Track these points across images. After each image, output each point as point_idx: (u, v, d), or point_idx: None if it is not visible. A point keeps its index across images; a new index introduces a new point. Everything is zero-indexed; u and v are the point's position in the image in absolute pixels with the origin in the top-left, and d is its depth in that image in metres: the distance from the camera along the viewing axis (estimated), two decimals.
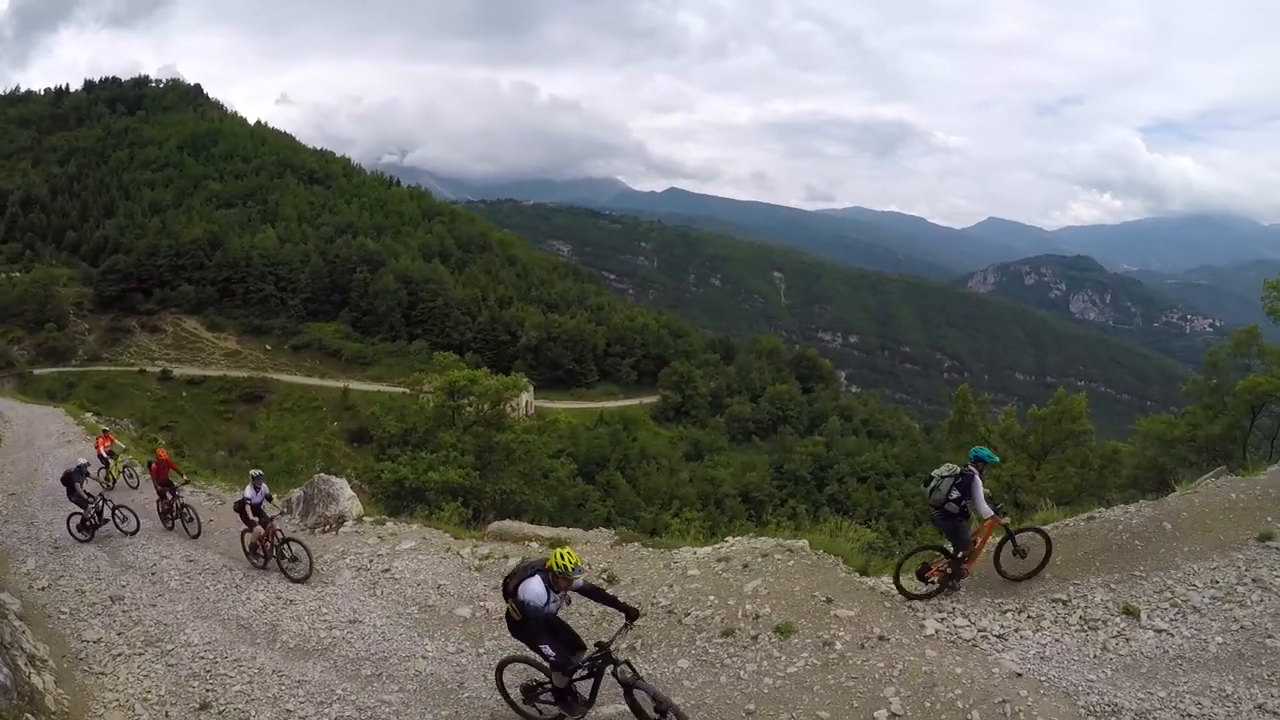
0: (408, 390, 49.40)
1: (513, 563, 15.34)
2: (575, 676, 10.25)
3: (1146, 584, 13.17)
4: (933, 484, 13.29)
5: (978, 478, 12.95)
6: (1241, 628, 11.90)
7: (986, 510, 12.89)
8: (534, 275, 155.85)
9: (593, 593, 10.55)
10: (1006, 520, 13.44)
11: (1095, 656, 11.63)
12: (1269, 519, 14.42)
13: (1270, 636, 11.59)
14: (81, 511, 20.05)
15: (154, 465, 21.89)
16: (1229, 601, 12.47)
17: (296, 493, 21.15)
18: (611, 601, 10.43)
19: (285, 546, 16.76)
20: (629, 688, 10.05)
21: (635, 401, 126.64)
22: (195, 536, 20.06)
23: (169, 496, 21.14)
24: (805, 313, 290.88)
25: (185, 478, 22.99)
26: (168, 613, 14.89)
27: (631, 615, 10.16)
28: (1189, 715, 10.18)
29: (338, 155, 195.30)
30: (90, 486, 20.89)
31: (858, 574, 13.96)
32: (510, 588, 10.25)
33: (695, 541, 16.34)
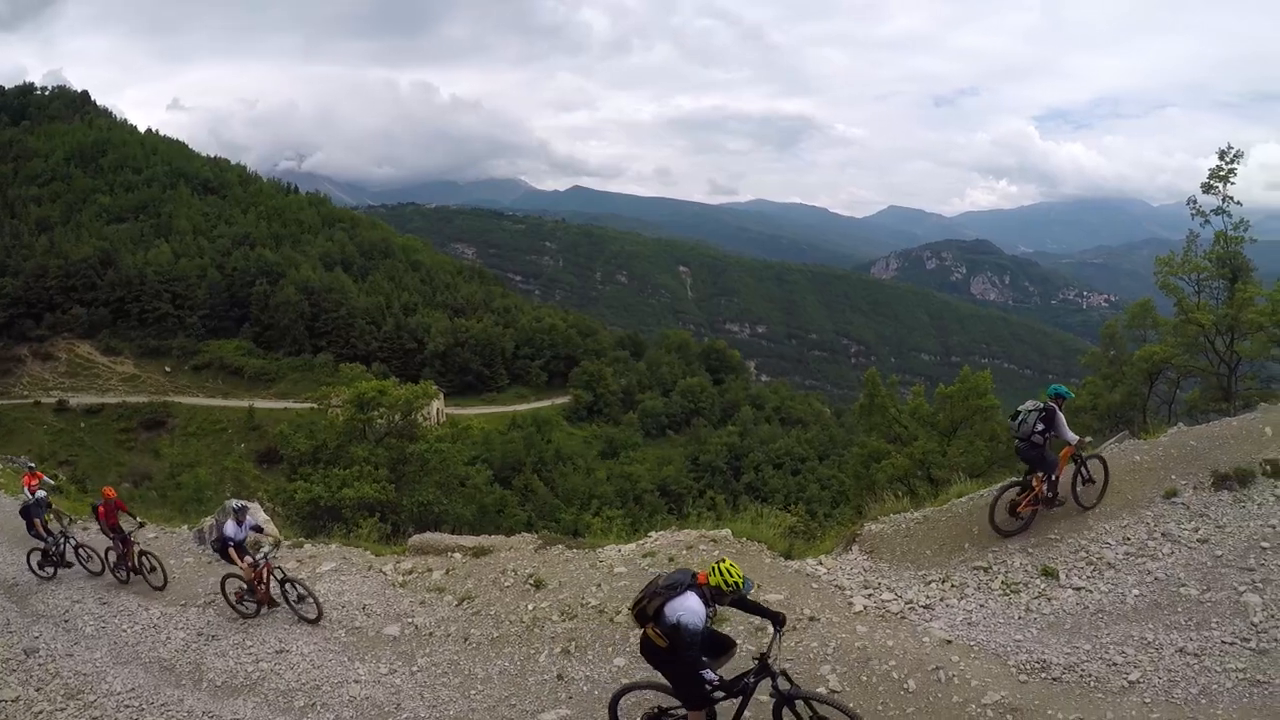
0: (315, 405, 48.82)
1: (438, 576, 15.31)
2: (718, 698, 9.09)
3: (1062, 546, 13.91)
4: (1020, 418, 14.63)
5: (1059, 411, 14.45)
6: (1156, 579, 12.69)
7: (1072, 437, 14.37)
8: (439, 280, 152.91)
9: (741, 603, 9.11)
10: (1089, 440, 15.36)
11: (1020, 618, 12.20)
12: (1173, 477, 15.22)
13: (1183, 585, 12.41)
14: (43, 545, 18.50)
15: (102, 509, 18.49)
16: (1142, 556, 13.28)
17: (207, 521, 20.15)
18: (760, 610, 9.27)
19: (289, 587, 14.82)
20: (789, 700, 8.99)
21: (547, 403, 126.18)
22: (160, 588, 17.16)
23: (123, 545, 17.90)
24: (712, 306, 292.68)
25: (140, 520, 19.15)
26: (86, 661, 14.04)
27: (780, 622, 9.04)
28: (1114, 664, 10.75)
29: (233, 163, 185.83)
30: (52, 525, 19.18)
31: (782, 558, 14.29)
32: (652, 610, 8.77)
33: (619, 539, 16.33)
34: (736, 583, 8.56)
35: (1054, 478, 14.42)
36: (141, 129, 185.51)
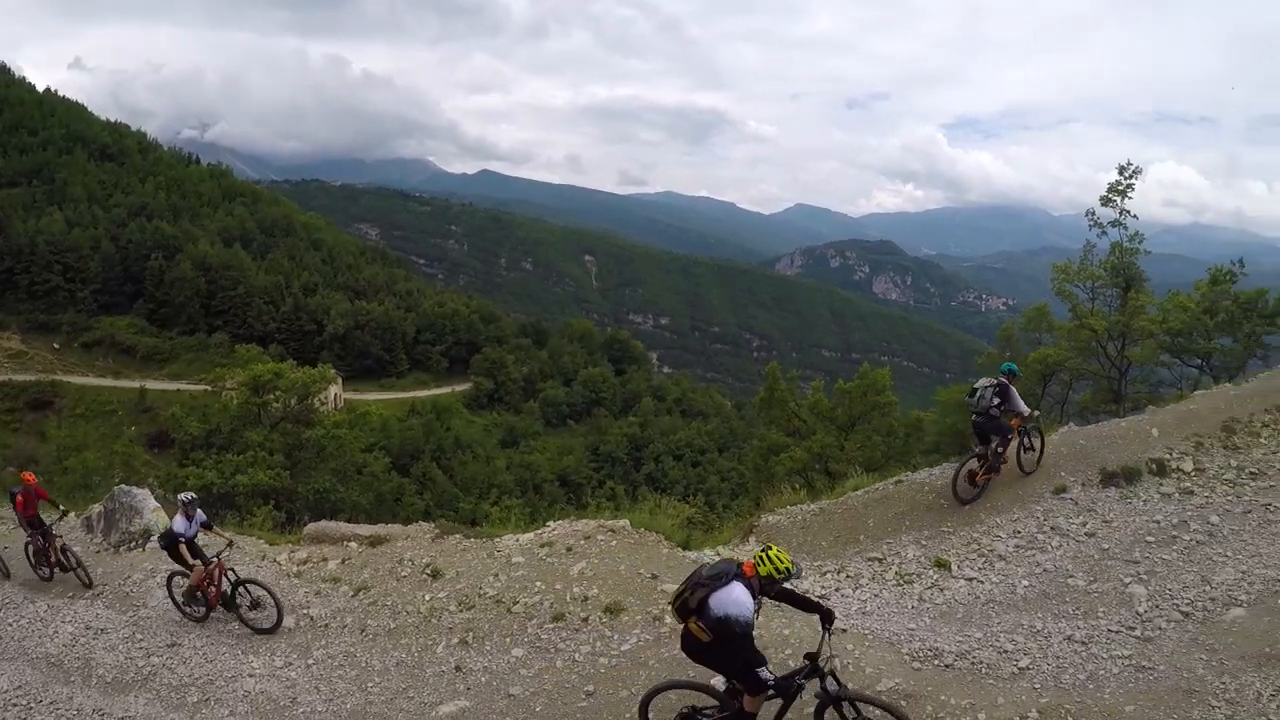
0: (209, 388, 47.77)
1: (334, 566, 15.12)
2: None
3: (954, 538, 14.41)
4: (977, 394, 15.98)
5: (1012, 386, 15.88)
6: (1044, 570, 13.25)
7: (1025, 408, 15.80)
8: (340, 260, 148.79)
9: (788, 595, 8.73)
10: (1038, 413, 16.75)
11: (913, 607, 12.60)
12: (1063, 474, 15.90)
13: (1071, 576, 12.99)
14: None
15: (19, 497, 16.60)
16: (1032, 548, 13.88)
17: (96, 508, 19.02)
18: (809, 605, 8.89)
19: (241, 590, 13.74)
20: (836, 701, 8.66)
21: (447, 390, 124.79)
22: (88, 586, 15.84)
23: (43, 538, 16.33)
24: (617, 296, 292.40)
25: (63, 508, 17.46)
26: None
27: (829, 618, 8.64)
28: (1005, 651, 11.06)
29: (134, 129, 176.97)
30: None
31: (680, 549, 14.40)
32: (694, 603, 8.21)
33: (517, 529, 16.26)
34: (787, 568, 8.21)
35: (1003, 449, 15.65)
36: (40, 88, 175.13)
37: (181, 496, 14.57)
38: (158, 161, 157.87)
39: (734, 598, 7.99)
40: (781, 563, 8.14)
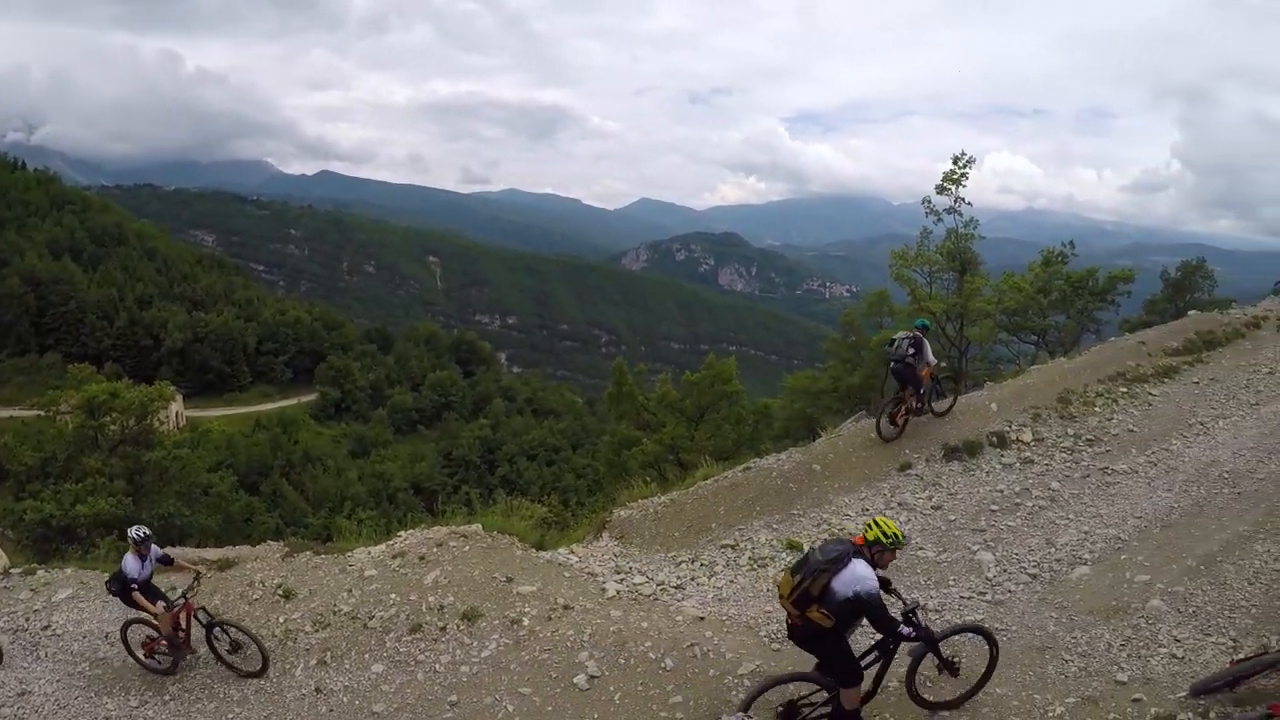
0: (43, 413, 45.61)
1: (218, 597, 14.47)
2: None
3: (805, 520, 14.92)
4: (895, 344, 17.75)
5: (925, 339, 17.74)
6: None
7: (934, 360, 17.94)
8: (176, 270, 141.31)
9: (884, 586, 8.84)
10: (944, 365, 19.59)
11: (769, 590, 12.68)
12: (907, 451, 16.66)
13: (921, 548, 13.72)
14: None
15: None
16: None
17: None
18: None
19: (218, 634, 12.13)
20: (933, 643, 9.02)
21: (293, 401, 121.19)
22: None
23: None
24: (462, 296, 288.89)
25: None
26: None
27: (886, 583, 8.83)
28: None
29: None
30: None
31: (534, 550, 14.40)
32: (817, 590, 8.28)
33: (368, 541, 15.87)
34: (896, 534, 8.47)
35: (921, 392, 17.65)
36: None
37: (132, 532, 12.60)
38: None
39: (858, 575, 8.24)
40: (889, 528, 8.47)
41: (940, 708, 9.48)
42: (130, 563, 12.20)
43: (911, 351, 17.37)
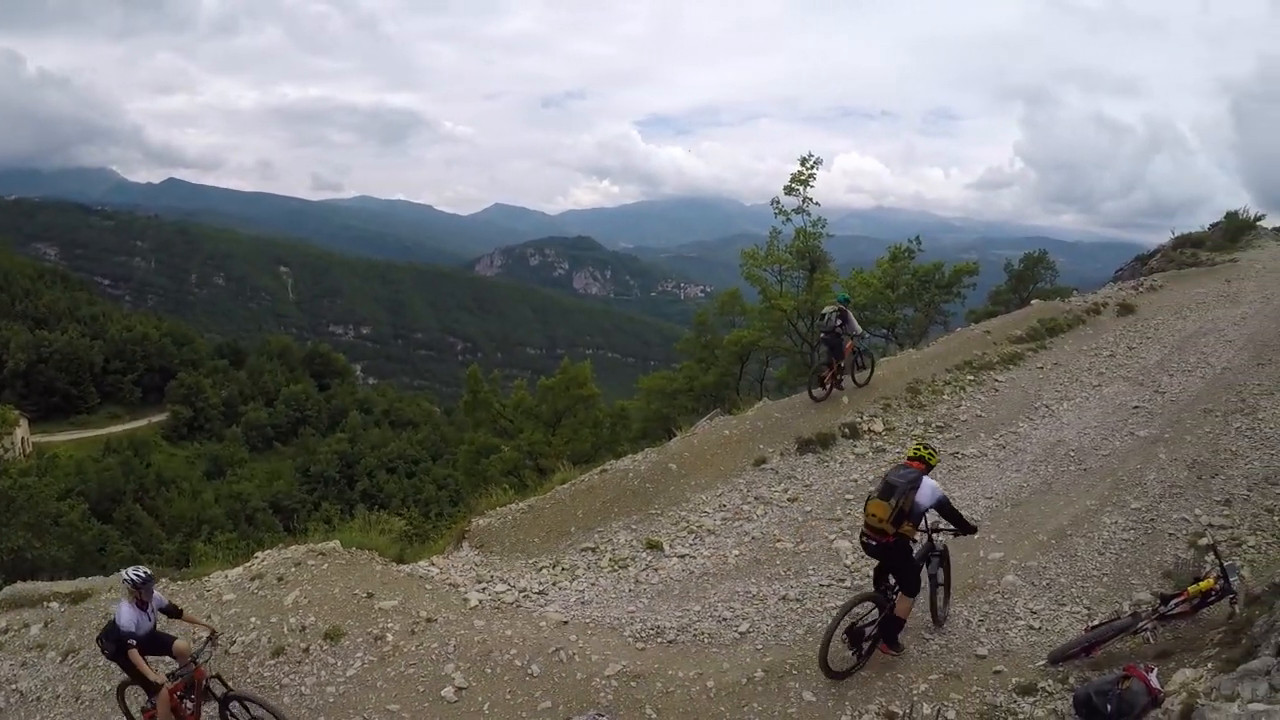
0: None
1: (37, 631, 13.27)
2: None
3: (663, 519, 15.10)
4: (825, 318, 19.85)
5: (848, 311, 19.84)
6: (753, 538, 14.22)
7: (859, 330, 20.15)
8: (17, 286, 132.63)
9: (944, 507, 10.42)
10: (865, 335, 22.26)
11: (631, 590, 12.99)
12: (761, 446, 16.95)
13: (780, 540, 14.01)
14: None
15: None
16: (738, 519, 14.82)
17: None
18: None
19: (235, 709, 10.21)
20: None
21: (144, 422, 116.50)
22: None
23: None
24: (315, 307, 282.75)
25: None
26: None
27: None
28: (725, 620, 11.69)
29: None
30: None
31: (395, 564, 14.16)
32: (908, 506, 9.81)
33: (225, 564, 15.42)
34: (933, 451, 10.55)
35: (842, 364, 19.59)
36: None
37: (128, 574, 10.22)
38: None
39: (931, 486, 10.01)
40: (926, 448, 10.46)
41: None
42: (126, 613, 9.94)
43: (839, 322, 19.44)
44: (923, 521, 10.26)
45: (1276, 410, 16.81)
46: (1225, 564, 10.16)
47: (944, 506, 10.10)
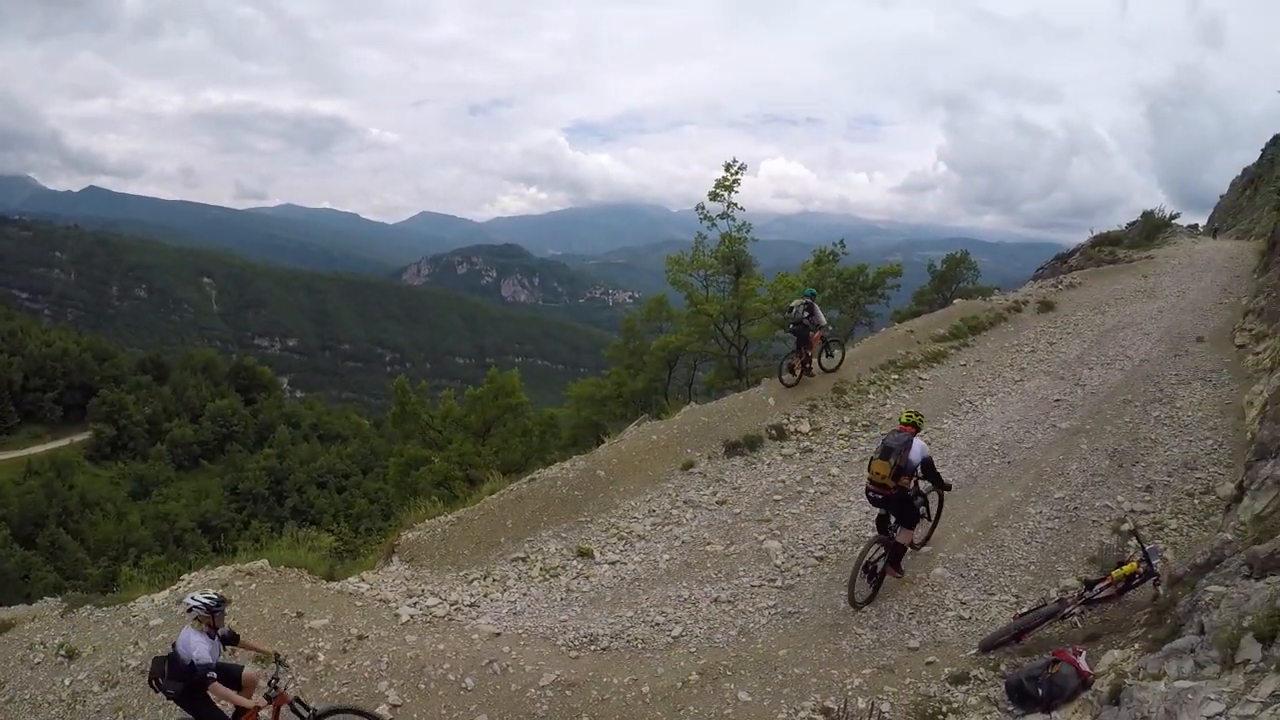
0: None
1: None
2: None
3: (593, 526, 15.20)
4: (793, 310, 20.63)
5: (814, 304, 20.74)
6: (683, 542, 14.34)
7: (824, 322, 20.96)
8: None
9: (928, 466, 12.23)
10: (831, 327, 22.96)
11: (562, 599, 13.04)
12: (689, 450, 17.12)
13: (710, 543, 14.22)
14: None
15: None
16: (668, 524, 14.96)
17: None
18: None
19: None
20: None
21: (65, 441, 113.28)
22: None
23: None
24: (239, 319, 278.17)
25: None
26: None
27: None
28: (657, 624, 11.82)
29: None
30: None
31: (324, 581, 13.98)
32: (904, 460, 11.62)
33: (151, 588, 14.85)
34: (920, 415, 12.50)
35: (809, 352, 20.58)
36: None
37: (199, 599, 9.13)
38: None
39: (920, 446, 11.85)
40: (914, 414, 12.39)
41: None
42: (200, 643, 8.90)
43: (806, 314, 20.25)
44: (916, 472, 11.91)
45: (1193, 399, 17.39)
46: (1148, 547, 10.50)
47: (927, 465, 11.93)
